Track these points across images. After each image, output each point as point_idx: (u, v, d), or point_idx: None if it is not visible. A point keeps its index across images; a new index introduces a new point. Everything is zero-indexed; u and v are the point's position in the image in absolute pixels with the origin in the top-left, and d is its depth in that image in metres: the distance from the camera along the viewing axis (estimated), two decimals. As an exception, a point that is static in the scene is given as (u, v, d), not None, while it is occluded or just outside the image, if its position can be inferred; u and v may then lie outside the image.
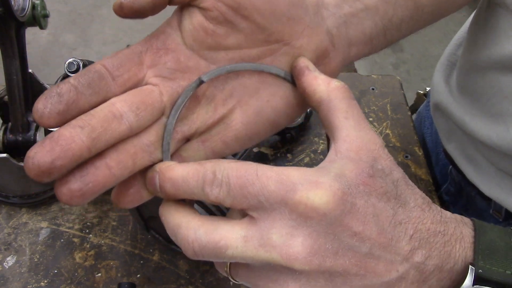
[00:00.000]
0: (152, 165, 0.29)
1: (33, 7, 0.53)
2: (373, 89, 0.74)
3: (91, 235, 0.57)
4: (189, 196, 0.27)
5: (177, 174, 0.27)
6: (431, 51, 2.25)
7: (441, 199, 0.68)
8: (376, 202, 0.26)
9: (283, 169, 0.26)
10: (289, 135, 0.65)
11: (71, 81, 0.26)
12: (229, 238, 0.26)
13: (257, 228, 0.26)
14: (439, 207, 0.29)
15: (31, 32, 0.60)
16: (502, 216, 0.57)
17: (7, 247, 0.55)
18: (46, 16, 0.55)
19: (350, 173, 0.26)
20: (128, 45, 0.30)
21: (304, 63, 0.31)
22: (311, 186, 0.25)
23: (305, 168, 0.26)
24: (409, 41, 2.28)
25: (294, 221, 0.25)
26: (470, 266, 0.27)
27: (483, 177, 0.57)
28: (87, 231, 0.57)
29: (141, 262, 0.55)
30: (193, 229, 0.26)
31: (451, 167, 0.65)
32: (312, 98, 0.30)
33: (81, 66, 0.46)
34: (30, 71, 0.56)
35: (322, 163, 0.27)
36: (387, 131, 0.69)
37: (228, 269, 0.29)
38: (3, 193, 0.58)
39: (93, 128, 0.26)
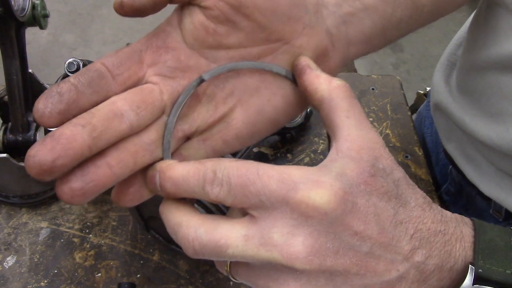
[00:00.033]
0: (153, 164, 0.29)
1: (33, 7, 0.53)
2: (373, 89, 0.74)
3: (91, 235, 0.57)
4: (189, 195, 0.27)
5: (178, 173, 0.27)
6: (431, 51, 2.25)
7: (441, 199, 0.68)
8: (377, 201, 0.26)
9: (284, 168, 0.26)
10: (289, 135, 0.65)
11: (72, 80, 0.26)
12: (229, 237, 0.25)
13: (258, 227, 0.25)
14: (439, 207, 0.29)
15: (31, 32, 0.60)
16: (502, 216, 0.57)
17: (7, 247, 0.55)
18: (46, 16, 0.55)
19: (351, 172, 0.26)
20: (128, 43, 0.29)
21: (305, 61, 0.31)
22: (312, 185, 0.25)
23: (306, 167, 0.26)
24: (409, 41, 2.28)
25: (295, 220, 0.25)
26: (470, 265, 0.27)
27: (483, 177, 0.57)
28: (87, 231, 0.57)
29: (141, 262, 0.55)
30: (193, 228, 0.26)
31: (451, 167, 0.65)
32: (313, 96, 0.30)
33: (81, 66, 0.46)
34: (30, 71, 0.56)
35: (323, 162, 0.27)
36: (387, 131, 0.69)
37: (228, 268, 0.29)
38: (3, 193, 0.58)
39: (94, 126, 0.26)
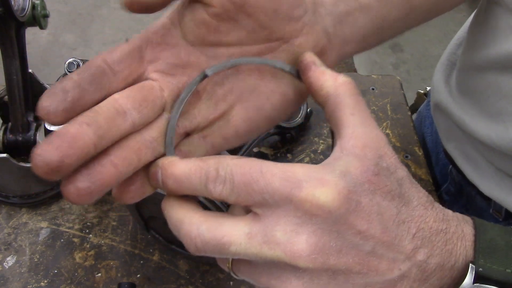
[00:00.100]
0: (155, 160, 0.29)
1: (33, 7, 0.53)
2: (373, 89, 0.74)
3: (91, 235, 0.57)
4: (191, 192, 0.27)
5: (180, 170, 0.27)
6: (431, 51, 2.25)
7: (441, 199, 0.68)
8: (380, 200, 0.26)
9: (288, 165, 0.26)
10: (289, 135, 0.65)
11: (74, 78, 0.26)
12: (232, 234, 0.25)
13: (261, 224, 0.25)
14: (441, 206, 0.29)
15: (31, 32, 0.60)
16: (502, 216, 0.57)
17: (7, 247, 0.55)
18: (46, 16, 0.55)
19: (355, 171, 0.26)
20: (127, 38, 0.29)
21: (310, 58, 0.31)
22: (316, 183, 0.25)
23: (310, 165, 0.26)
24: (409, 41, 2.28)
25: (298, 218, 0.25)
26: (470, 264, 0.28)
27: (482, 177, 0.57)
28: (87, 231, 0.57)
29: (141, 262, 0.55)
30: (196, 225, 0.26)
31: (451, 167, 0.65)
32: (318, 93, 0.30)
33: (81, 66, 0.46)
34: (30, 71, 0.56)
35: (327, 160, 0.27)
36: (387, 131, 0.69)
37: (230, 265, 0.28)
38: (3, 193, 0.58)
39: (99, 125, 0.26)
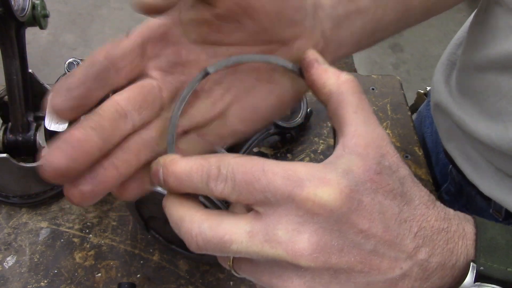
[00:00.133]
0: (155, 157, 0.29)
1: (33, 7, 0.53)
2: (373, 89, 0.74)
3: (91, 235, 0.57)
4: (193, 190, 0.27)
5: (181, 168, 0.27)
6: (431, 51, 2.25)
7: (441, 199, 0.68)
8: (382, 199, 0.26)
9: (289, 164, 0.26)
10: (289, 135, 0.65)
11: (79, 75, 0.27)
12: (234, 233, 0.25)
13: (262, 223, 0.25)
14: (442, 204, 0.29)
15: (31, 32, 0.60)
16: (502, 215, 0.57)
17: (7, 247, 0.55)
18: (46, 16, 0.55)
19: (357, 170, 0.26)
20: (127, 32, 0.29)
21: (313, 55, 0.31)
22: (318, 182, 0.25)
23: (312, 163, 0.26)
24: (409, 41, 2.28)
25: (300, 217, 0.25)
26: (471, 263, 0.27)
27: (482, 177, 0.57)
28: (87, 231, 0.57)
29: (141, 262, 0.55)
30: (197, 223, 0.26)
31: (451, 166, 0.65)
32: (321, 91, 0.30)
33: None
34: (30, 71, 0.56)
35: (329, 158, 0.27)
36: (387, 131, 0.69)
37: (231, 263, 0.28)
38: (3, 193, 0.58)
39: (103, 128, 0.26)
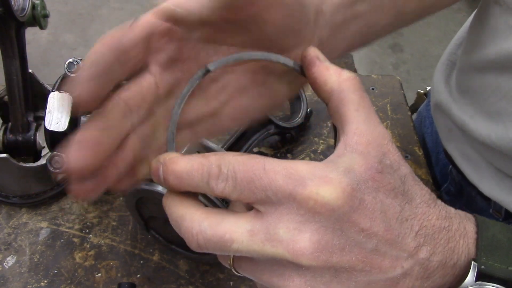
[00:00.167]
0: (151, 154, 0.30)
1: (33, 7, 0.53)
2: (373, 89, 0.74)
3: (91, 235, 0.57)
4: (193, 189, 0.27)
5: (181, 167, 0.27)
6: (431, 51, 2.25)
7: (441, 199, 0.68)
8: (384, 198, 0.26)
9: (290, 162, 0.25)
10: (289, 135, 0.65)
11: (91, 69, 0.27)
12: (234, 231, 0.25)
13: (263, 222, 0.25)
14: (443, 203, 0.29)
15: (31, 32, 0.60)
16: (502, 216, 0.57)
17: (7, 247, 0.55)
18: (46, 16, 0.55)
19: (359, 168, 0.26)
20: (135, 19, 0.28)
21: (314, 52, 0.31)
22: (320, 181, 0.25)
23: (313, 162, 0.26)
24: (409, 41, 2.28)
25: (302, 216, 0.25)
26: (472, 262, 0.27)
27: (482, 177, 0.57)
28: (87, 231, 0.57)
29: (141, 262, 0.55)
30: (197, 222, 0.26)
31: (451, 167, 0.65)
32: (322, 88, 0.30)
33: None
34: (30, 71, 0.56)
35: (330, 156, 0.27)
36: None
37: (231, 262, 0.28)
38: (3, 193, 0.58)
39: (112, 129, 0.27)
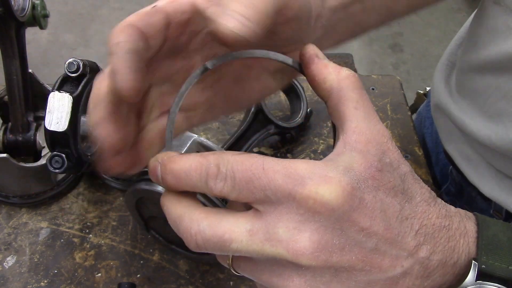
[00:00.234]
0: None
1: (33, 7, 0.53)
2: (373, 89, 0.74)
3: (91, 235, 0.57)
4: (191, 188, 0.27)
5: (179, 166, 0.27)
6: (431, 51, 2.25)
7: (441, 199, 0.68)
8: (383, 197, 0.26)
9: (289, 162, 0.25)
10: (289, 135, 0.65)
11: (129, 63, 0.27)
12: (233, 231, 0.25)
13: (263, 221, 0.25)
14: (443, 202, 0.29)
15: (31, 32, 0.60)
16: (502, 216, 0.57)
17: (7, 247, 0.55)
18: (46, 16, 0.55)
19: (359, 167, 0.26)
20: (154, 5, 0.28)
21: (313, 50, 0.31)
22: (320, 180, 0.25)
23: (313, 161, 0.26)
24: (409, 41, 2.28)
25: (301, 215, 0.25)
26: (473, 261, 0.27)
27: (483, 178, 0.57)
28: (87, 231, 0.57)
29: (141, 262, 0.55)
30: (196, 221, 0.26)
31: (451, 167, 0.65)
32: (321, 86, 0.30)
33: (81, 66, 0.46)
34: (30, 71, 0.56)
35: (330, 155, 0.27)
36: (387, 131, 0.69)
37: (230, 262, 0.28)
38: (3, 193, 0.58)
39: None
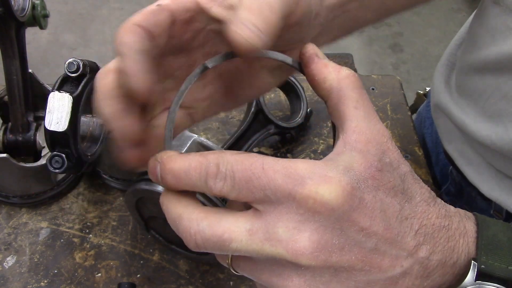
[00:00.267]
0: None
1: (33, 7, 0.53)
2: (373, 89, 0.74)
3: (91, 235, 0.57)
4: (191, 188, 0.27)
5: (179, 166, 0.27)
6: (431, 51, 2.25)
7: (442, 199, 0.68)
8: (383, 197, 0.26)
9: (289, 161, 0.25)
10: (289, 135, 0.65)
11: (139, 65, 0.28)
12: (233, 231, 0.25)
13: (262, 221, 0.25)
14: (443, 202, 0.29)
15: (31, 32, 0.60)
16: (503, 216, 0.57)
17: (7, 247, 0.55)
18: (46, 16, 0.55)
19: (359, 167, 0.26)
20: (158, 4, 0.28)
21: (313, 49, 0.31)
22: (320, 180, 0.25)
23: (313, 160, 0.26)
24: (409, 41, 2.28)
25: (301, 215, 0.25)
26: (472, 261, 0.27)
27: (483, 178, 0.56)
28: (87, 231, 0.57)
29: (141, 262, 0.55)
30: (195, 221, 0.26)
31: (451, 167, 0.64)
32: (321, 86, 0.30)
33: (81, 66, 0.46)
34: (30, 71, 0.56)
35: (329, 155, 0.27)
36: (387, 131, 0.69)
37: (230, 261, 0.28)
38: (3, 193, 0.58)
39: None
